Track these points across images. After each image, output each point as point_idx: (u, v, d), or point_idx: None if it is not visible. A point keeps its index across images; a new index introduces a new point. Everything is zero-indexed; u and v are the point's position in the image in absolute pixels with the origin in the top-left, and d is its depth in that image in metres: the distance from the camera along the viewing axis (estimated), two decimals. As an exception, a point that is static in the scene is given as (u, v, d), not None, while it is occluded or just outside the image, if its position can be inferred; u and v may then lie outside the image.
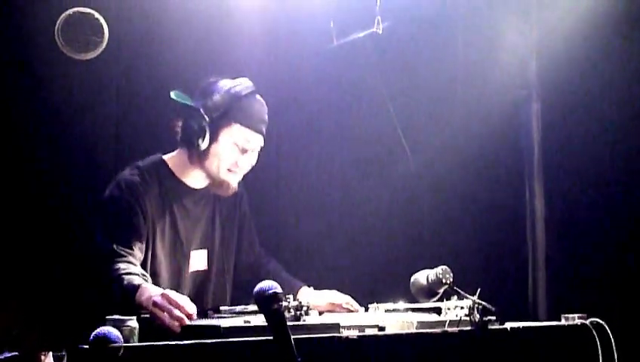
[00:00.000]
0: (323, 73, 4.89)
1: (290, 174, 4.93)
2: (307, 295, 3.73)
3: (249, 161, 3.66)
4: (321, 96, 4.92)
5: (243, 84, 3.63)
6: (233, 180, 3.66)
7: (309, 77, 4.87)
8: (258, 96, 3.67)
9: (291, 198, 4.92)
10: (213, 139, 3.56)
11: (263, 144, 3.68)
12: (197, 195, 3.68)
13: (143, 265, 3.44)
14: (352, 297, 3.77)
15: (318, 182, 4.95)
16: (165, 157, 3.69)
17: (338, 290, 3.79)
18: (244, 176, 3.75)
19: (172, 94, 3.60)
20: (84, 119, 4.43)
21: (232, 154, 3.60)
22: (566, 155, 4.88)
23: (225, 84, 3.62)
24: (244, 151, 3.61)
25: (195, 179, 3.67)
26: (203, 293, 3.65)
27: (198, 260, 3.68)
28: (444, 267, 3.35)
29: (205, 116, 3.54)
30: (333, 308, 3.71)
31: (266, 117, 3.68)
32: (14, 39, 4.31)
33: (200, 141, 3.54)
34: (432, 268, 3.38)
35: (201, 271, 3.69)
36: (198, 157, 3.61)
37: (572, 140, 4.84)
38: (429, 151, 4.95)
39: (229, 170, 3.62)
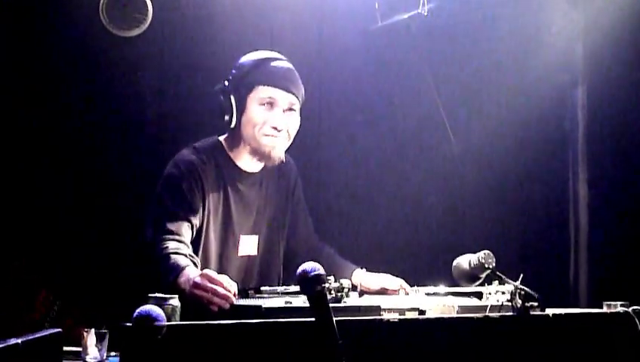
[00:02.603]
0: (367, 54, 4.87)
1: (332, 156, 4.91)
2: (361, 277, 3.70)
3: (284, 121, 3.52)
4: (365, 77, 4.90)
5: (268, 54, 3.57)
6: (274, 145, 3.53)
7: (353, 57, 4.85)
8: (285, 62, 3.58)
9: (333, 181, 4.90)
10: (241, 110, 3.51)
11: (297, 104, 3.58)
12: (251, 180, 3.64)
13: (195, 246, 3.42)
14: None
15: (360, 164, 4.93)
16: (221, 138, 3.64)
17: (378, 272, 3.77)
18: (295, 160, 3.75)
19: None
20: (126, 96, 4.45)
21: (260, 115, 3.50)
22: (611, 140, 4.83)
23: (249, 55, 3.57)
24: (270, 107, 3.50)
25: (248, 162, 3.61)
26: (250, 278, 3.61)
27: (249, 245, 3.63)
28: (486, 251, 3.32)
29: (228, 91, 3.50)
30: (385, 292, 3.65)
31: (295, 79, 3.56)
32: (60, 16, 4.33)
33: (229, 117, 3.51)
34: (475, 252, 3.36)
35: (251, 256, 3.65)
36: (238, 134, 3.55)
37: (617, 125, 4.79)
38: (472, 135, 4.93)
39: (265, 134, 3.51)
